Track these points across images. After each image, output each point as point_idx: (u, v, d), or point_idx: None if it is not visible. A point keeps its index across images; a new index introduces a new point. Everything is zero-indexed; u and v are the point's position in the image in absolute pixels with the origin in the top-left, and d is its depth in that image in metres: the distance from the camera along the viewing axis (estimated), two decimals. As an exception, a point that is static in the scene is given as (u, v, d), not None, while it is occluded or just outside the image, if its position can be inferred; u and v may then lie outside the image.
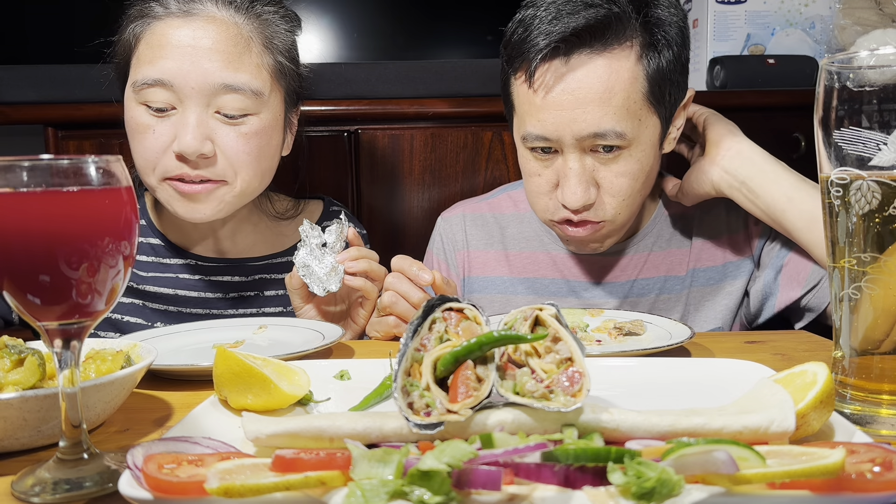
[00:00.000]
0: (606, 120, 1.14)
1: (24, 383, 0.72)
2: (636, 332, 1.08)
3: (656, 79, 1.17)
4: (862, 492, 0.48)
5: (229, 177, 1.21)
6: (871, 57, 0.67)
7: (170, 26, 1.18)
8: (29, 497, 0.59)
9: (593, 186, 1.20)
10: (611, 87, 1.14)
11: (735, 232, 1.39)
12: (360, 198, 1.81)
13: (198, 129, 1.16)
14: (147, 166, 1.20)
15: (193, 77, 1.16)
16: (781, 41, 1.98)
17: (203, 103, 1.17)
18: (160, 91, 1.16)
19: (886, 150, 0.66)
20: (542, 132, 1.18)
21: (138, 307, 1.35)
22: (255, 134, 1.21)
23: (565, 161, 1.19)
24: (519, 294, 1.42)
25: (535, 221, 1.45)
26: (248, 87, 1.18)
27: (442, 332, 0.65)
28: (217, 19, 1.19)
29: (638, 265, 1.39)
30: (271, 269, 1.40)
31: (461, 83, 1.78)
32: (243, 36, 1.20)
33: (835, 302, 0.74)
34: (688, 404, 0.66)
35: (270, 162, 1.28)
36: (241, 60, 1.19)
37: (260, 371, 0.71)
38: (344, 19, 2.26)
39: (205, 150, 1.16)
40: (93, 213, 0.59)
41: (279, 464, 0.52)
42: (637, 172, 1.20)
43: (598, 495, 0.50)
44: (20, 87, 1.68)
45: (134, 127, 1.19)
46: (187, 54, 1.16)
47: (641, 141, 1.18)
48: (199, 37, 1.17)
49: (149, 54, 1.18)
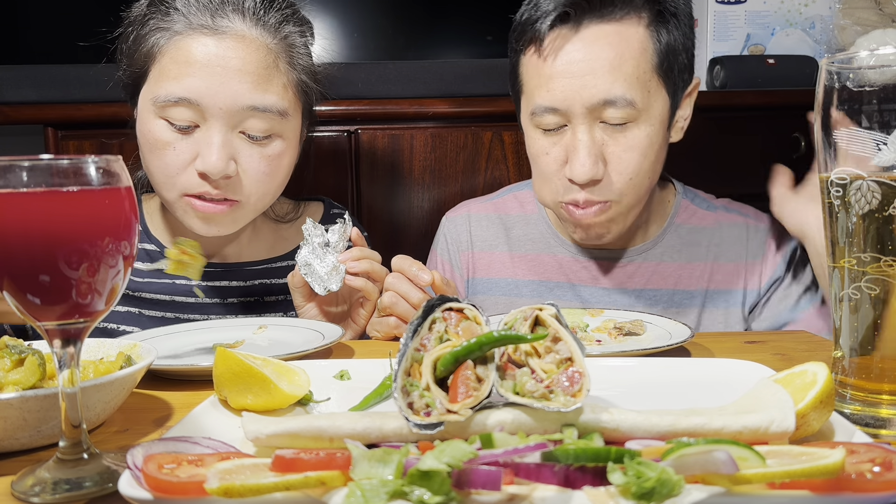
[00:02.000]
0: (617, 86, 1.14)
1: (25, 383, 0.72)
2: (636, 332, 1.08)
3: (665, 53, 1.18)
4: (862, 492, 0.48)
5: (244, 196, 1.20)
6: (871, 57, 0.67)
7: (197, 42, 1.14)
8: (29, 497, 0.59)
9: (601, 161, 1.18)
10: (621, 54, 1.14)
11: (755, 258, 1.36)
12: (360, 198, 1.81)
13: (223, 149, 1.14)
14: (168, 182, 1.18)
15: (222, 98, 1.13)
16: (781, 41, 1.98)
17: (229, 124, 1.15)
18: (185, 110, 1.14)
19: (886, 150, 0.66)
20: (551, 102, 1.17)
21: (135, 315, 1.32)
22: (278, 156, 1.21)
23: (574, 133, 1.18)
24: (523, 296, 1.41)
25: (542, 223, 1.43)
26: (276, 108, 1.17)
27: (442, 332, 0.65)
28: (246, 38, 1.16)
29: (646, 274, 1.36)
30: (271, 273, 1.39)
31: (461, 83, 1.78)
32: (272, 56, 1.19)
33: (835, 302, 0.74)
34: (688, 404, 0.66)
35: (286, 179, 1.28)
36: (269, 82, 1.17)
37: (260, 371, 0.71)
38: (344, 19, 2.26)
39: (229, 170, 1.15)
40: (93, 213, 0.59)
41: (279, 464, 0.52)
42: (646, 148, 1.19)
43: (598, 495, 0.50)
44: (20, 87, 1.68)
45: (153, 142, 1.17)
46: (216, 74, 1.13)
47: (651, 115, 1.18)
48: (229, 57, 1.14)
49: (174, 70, 1.14)
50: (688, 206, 1.41)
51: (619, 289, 1.37)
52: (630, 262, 1.37)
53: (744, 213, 1.41)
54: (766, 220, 1.39)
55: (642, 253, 1.37)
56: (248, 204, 1.21)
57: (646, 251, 1.37)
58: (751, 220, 1.39)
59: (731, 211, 1.41)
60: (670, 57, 1.18)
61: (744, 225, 1.38)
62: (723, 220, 1.39)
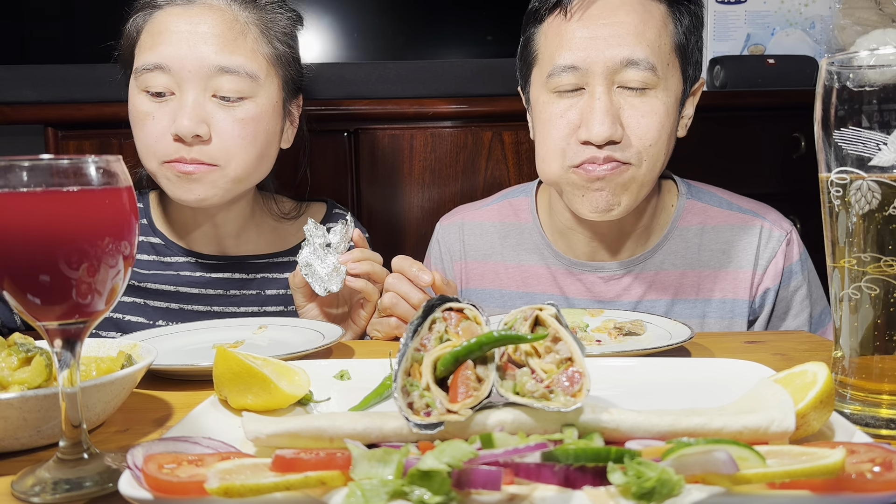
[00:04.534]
0: (639, 49, 1.15)
1: (31, 383, 0.71)
2: (636, 332, 1.08)
3: (685, 35, 1.20)
4: (862, 492, 0.48)
5: (222, 161, 1.22)
6: (871, 57, 0.67)
7: (170, 14, 1.22)
8: (29, 497, 0.59)
9: (619, 124, 1.16)
10: (645, 21, 1.16)
11: (760, 268, 1.32)
12: (359, 198, 1.81)
13: (193, 110, 1.19)
14: (147, 152, 1.23)
15: (190, 60, 1.19)
16: (781, 41, 1.98)
17: (200, 86, 1.20)
18: (159, 75, 1.20)
19: (886, 150, 0.66)
20: (572, 61, 1.17)
21: (139, 305, 1.35)
22: (252, 119, 1.24)
23: (591, 96, 1.17)
24: (516, 308, 1.39)
25: (536, 233, 1.40)
26: (244, 69, 1.22)
27: (442, 332, 0.65)
28: (215, 7, 1.23)
29: (643, 285, 1.33)
30: (273, 267, 1.41)
31: (461, 83, 1.78)
32: (239, 22, 1.24)
33: (835, 302, 0.74)
34: (688, 404, 0.66)
35: (267, 149, 1.29)
36: (236, 44, 1.22)
37: (260, 371, 0.71)
38: (344, 19, 2.26)
39: (199, 131, 1.19)
40: (93, 213, 0.59)
41: (279, 464, 0.52)
42: (663, 117, 1.18)
43: (598, 495, 0.50)
44: (20, 87, 1.68)
45: (135, 115, 1.23)
46: (185, 39, 1.20)
47: (668, 87, 1.19)
48: (197, 22, 1.21)
49: (149, 42, 1.22)
50: (694, 205, 1.35)
51: (615, 301, 1.33)
52: (627, 272, 1.33)
53: (761, 214, 1.35)
54: (786, 226, 1.33)
55: (639, 263, 1.33)
56: (228, 168, 1.23)
57: (644, 261, 1.33)
58: (766, 223, 1.33)
59: (747, 211, 1.35)
60: (689, 41, 1.21)
61: (758, 228, 1.32)
62: (735, 221, 1.33)
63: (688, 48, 1.22)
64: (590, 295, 1.35)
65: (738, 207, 1.36)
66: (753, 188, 1.55)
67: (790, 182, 1.85)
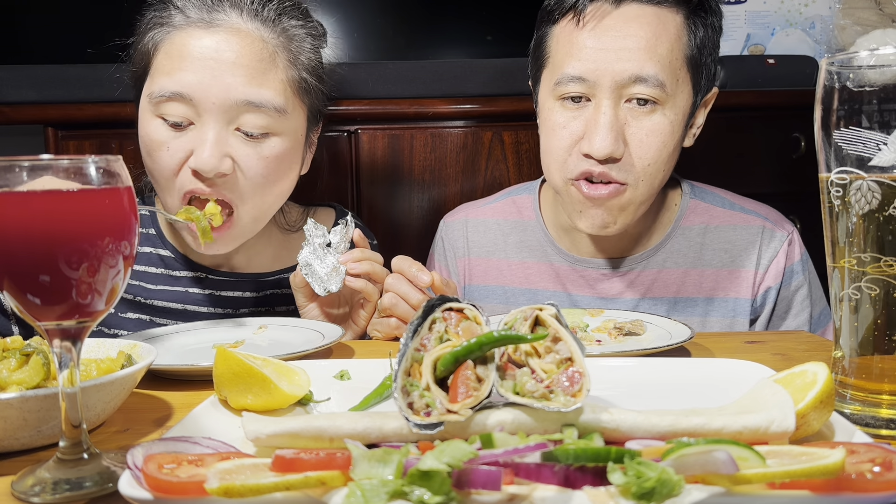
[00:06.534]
0: (649, 65, 1.14)
1: (28, 383, 0.72)
2: (636, 332, 1.08)
3: (699, 48, 1.19)
4: (862, 492, 0.48)
5: (239, 198, 1.16)
6: (871, 57, 0.67)
7: (191, 36, 1.12)
8: (29, 497, 0.59)
9: (622, 140, 1.16)
10: (657, 35, 1.15)
11: (762, 267, 1.32)
12: (360, 198, 1.81)
13: (216, 146, 1.11)
14: (166, 185, 1.16)
15: (215, 92, 1.10)
16: (781, 41, 1.98)
17: (223, 120, 1.12)
18: (178, 105, 1.11)
19: (886, 150, 0.66)
20: (580, 72, 1.16)
21: (145, 323, 1.31)
22: (276, 157, 1.17)
23: (597, 109, 1.16)
24: (519, 305, 1.38)
25: (539, 230, 1.41)
26: (272, 104, 1.13)
27: (442, 333, 0.65)
28: (242, 32, 1.13)
29: (646, 282, 1.33)
30: (283, 284, 1.37)
31: (461, 83, 1.78)
32: (268, 50, 1.15)
33: (835, 302, 0.74)
34: (688, 404, 0.66)
35: (288, 185, 1.24)
36: (265, 76, 1.14)
37: (260, 371, 0.71)
38: (344, 19, 2.26)
39: (223, 167, 1.11)
40: (93, 213, 0.59)
41: (279, 464, 0.52)
42: (667, 136, 1.18)
43: (598, 495, 0.50)
44: (20, 87, 1.68)
45: (148, 143, 1.14)
46: (209, 67, 1.10)
47: (676, 104, 1.18)
48: (223, 49, 1.11)
49: (167, 65, 1.12)
50: (697, 205, 1.36)
51: (618, 298, 1.34)
52: (630, 270, 1.34)
53: (763, 214, 1.36)
54: (788, 227, 1.34)
55: (642, 261, 1.34)
56: (243, 210, 1.17)
57: (647, 258, 1.34)
58: (768, 224, 1.34)
59: (749, 212, 1.36)
60: (702, 53, 1.19)
61: (760, 228, 1.33)
62: (738, 222, 1.34)
63: (701, 60, 1.20)
64: (592, 292, 1.36)
65: (741, 208, 1.37)
66: (753, 188, 1.55)
67: (790, 182, 1.85)
